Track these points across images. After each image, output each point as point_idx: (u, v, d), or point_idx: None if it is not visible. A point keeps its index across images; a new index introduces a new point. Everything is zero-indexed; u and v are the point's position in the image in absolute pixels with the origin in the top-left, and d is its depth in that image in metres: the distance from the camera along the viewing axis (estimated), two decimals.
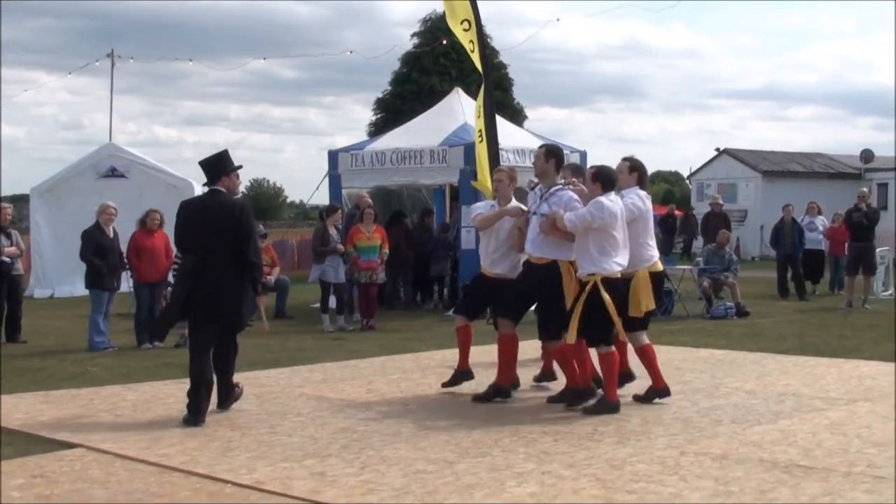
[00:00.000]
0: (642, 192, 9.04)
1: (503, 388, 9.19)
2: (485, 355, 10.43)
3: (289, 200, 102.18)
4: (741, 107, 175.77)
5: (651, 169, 10.80)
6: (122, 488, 6.24)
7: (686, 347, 12.92)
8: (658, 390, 8.99)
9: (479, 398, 9.14)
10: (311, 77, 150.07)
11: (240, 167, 8.92)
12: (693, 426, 8.02)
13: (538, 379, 9.93)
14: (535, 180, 9.20)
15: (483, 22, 13.65)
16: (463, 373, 9.69)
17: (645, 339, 8.97)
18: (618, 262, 8.51)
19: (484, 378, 9.53)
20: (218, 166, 8.78)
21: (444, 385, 9.66)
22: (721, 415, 8.47)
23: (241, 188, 10.60)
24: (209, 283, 8.36)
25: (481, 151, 12.27)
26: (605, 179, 8.62)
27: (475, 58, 12.53)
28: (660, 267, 9.24)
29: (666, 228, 33.82)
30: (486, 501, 5.88)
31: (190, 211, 8.72)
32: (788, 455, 6.99)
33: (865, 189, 20.21)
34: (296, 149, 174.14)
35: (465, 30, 12.43)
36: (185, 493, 6.14)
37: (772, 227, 22.12)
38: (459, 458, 6.92)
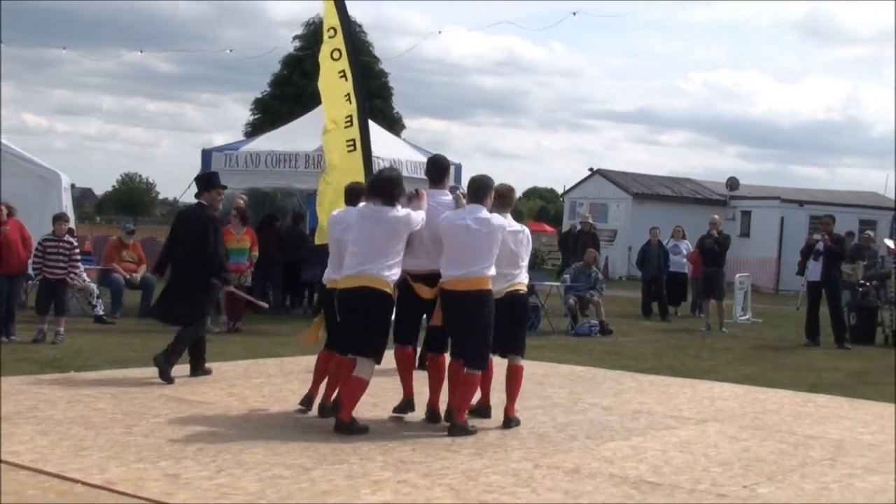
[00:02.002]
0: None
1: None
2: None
3: (161, 197, 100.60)
4: (614, 128, 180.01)
5: (527, 185, 11.01)
6: None
7: (549, 363, 13.14)
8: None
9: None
10: (188, 72, 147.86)
11: (224, 187, 11.34)
12: (549, 440, 8.18)
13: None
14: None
15: (365, 29, 13.71)
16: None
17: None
18: None
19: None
20: (202, 183, 10.94)
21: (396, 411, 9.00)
22: (577, 430, 8.66)
23: (113, 182, 12.72)
24: (176, 275, 10.78)
25: (352, 161, 12.21)
26: None
27: (339, 65, 12.32)
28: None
29: (566, 246, 33.28)
30: None
31: (177, 217, 11.69)
32: (638, 471, 7.19)
33: (716, 216, 20.88)
34: (171, 144, 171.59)
35: (331, 37, 12.31)
36: (32, 491, 6.01)
37: (639, 249, 22.68)
38: (316, 465, 6.93)
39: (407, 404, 8.86)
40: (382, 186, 8.33)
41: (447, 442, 7.90)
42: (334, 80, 12.38)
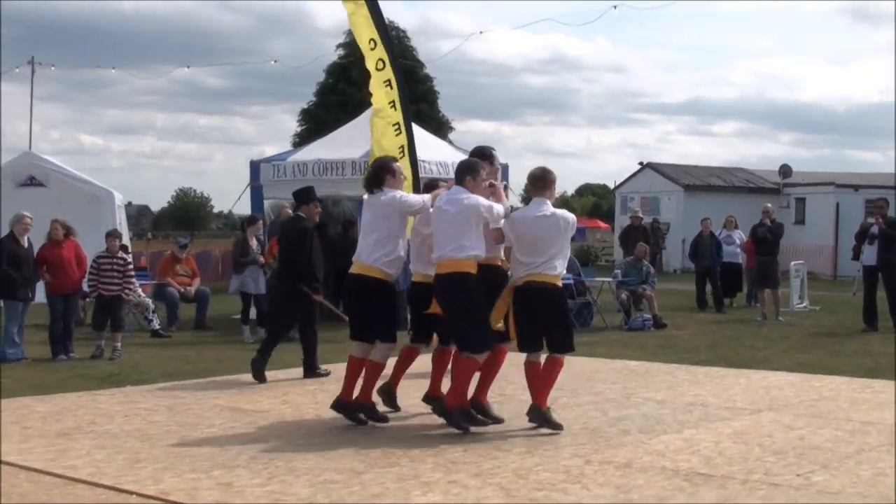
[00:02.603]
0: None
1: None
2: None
3: (216, 210, 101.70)
4: (665, 121, 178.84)
5: (578, 182, 10.97)
6: (24, 500, 6.19)
7: (601, 359, 13.10)
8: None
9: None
10: (237, 86, 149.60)
11: (320, 200, 12.13)
12: (600, 436, 8.15)
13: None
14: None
15: (408, 35, 13.71)
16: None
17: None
18: None
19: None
20: (301, 197, 11.66)
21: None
22: (629, 425, 8.62)
23: (168, 198, 13.11)
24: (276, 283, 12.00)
25: (404, 166, 12.27)
26: None
27: (384, 75, 12.39)
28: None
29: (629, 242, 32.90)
30: None
31: (279, 229, 12.75)
32: (690, 463, 7.15)
33: (769, 205, 20.65)
34: (223, 158, 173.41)
35: (372, 49, 12.37)
36: None
37: (691, 241, 22.52)
38: (368, 469, 6.97)
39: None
40: (371, 173, 8.98)
41: (498, 441, 7.91)
42: (379, 90, 12.45)
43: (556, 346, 8.34)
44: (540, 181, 8.37)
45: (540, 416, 8.27)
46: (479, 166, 8.42)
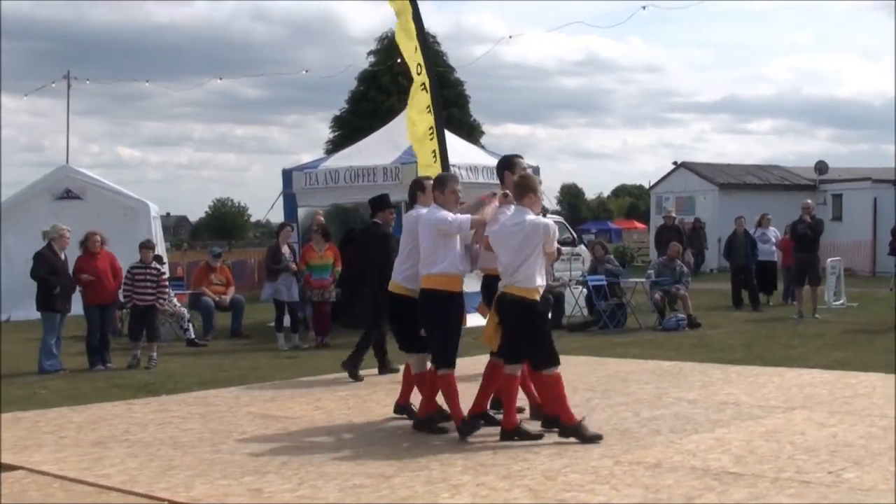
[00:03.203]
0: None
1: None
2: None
3: (253, 220, 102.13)
4: (700, 120, 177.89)
5: (615, 183, 10.92)
6: None
7: (635, 360, 13.06)
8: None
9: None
10: (273, 96, 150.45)
11: (395, 206, 12.52)
12: (631, 436, 8.13)
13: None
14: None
15: (439, 40, 13.77)
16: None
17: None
18: None
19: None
20: (377, 204, 11.94)
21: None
22: (660, 424, 8.60)
23: (206, 209, 13.63)
24: (357, 287, 12.40)
25: (435, 171, 12.36)
26: None
27: (421, 78, 12.53)
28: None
29: (692, 244, 32.35)
30: None
31: (357, 237, 13.25)
32: (721, 462, 7.12)
33: (810, 201, 20.46)
34: (260, 168, 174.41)
35: (416, 51, 12.53)
36: None
37: (725, 240, 22.38)
38: (397, 473, 7.01)
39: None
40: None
41: (529, 444, 7.90)
42: (418, 94, 12.66)
43: (531, 362, 8.23)
44: (518, 188, 8.24)
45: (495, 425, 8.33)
46: (446, 180, 8.61)
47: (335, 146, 33.42)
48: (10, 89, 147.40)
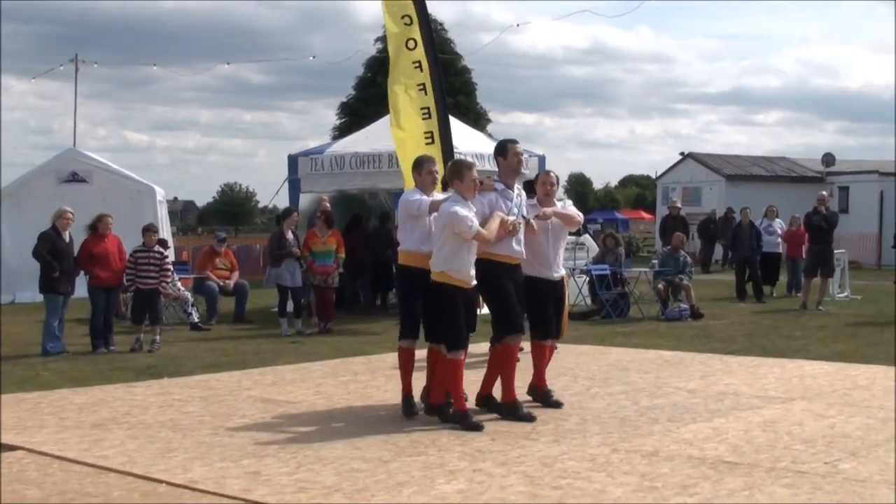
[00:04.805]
0: None
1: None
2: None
3: (260, 205, 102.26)
4: (708, 111, 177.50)
5: (622, 173, 10.87)
6: (56, 489, 6.32)
7: (636, 349, 13.07)
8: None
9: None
10: (280, 82, 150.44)
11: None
12: (629, 425, 8.16)
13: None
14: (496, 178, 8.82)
15: (446, 27, 13.59)
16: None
17: None
18: None
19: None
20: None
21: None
22: (659, 414, 8.62)
23: (213, 194, 12.77)
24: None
25: (433, 153, 12.17)
26: None
27: (414, 55, 12.23)
28: None
29: (707, 235, 32.00)
30: (413, 499, 5.99)
31: None
32: (717, 452, 7.15)
33: (825, 192, 20.41)
34: (267, 153, 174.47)
35: (407, 24, 12.21)
36: (118, 492, 6.23)
37: (731, 231, 22.38)
38: (395, 457, 7.04)
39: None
40: None
41: (527, 430, 7.94)
42: (409, 69, 12.29)
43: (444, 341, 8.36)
44: (448, 174, 8.55)
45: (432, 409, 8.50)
46: (423, 162, 8.75)
47: (342, 132, 33.45)
48: (18, 72, 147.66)
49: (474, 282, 8.28)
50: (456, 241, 8.09)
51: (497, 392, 8.69)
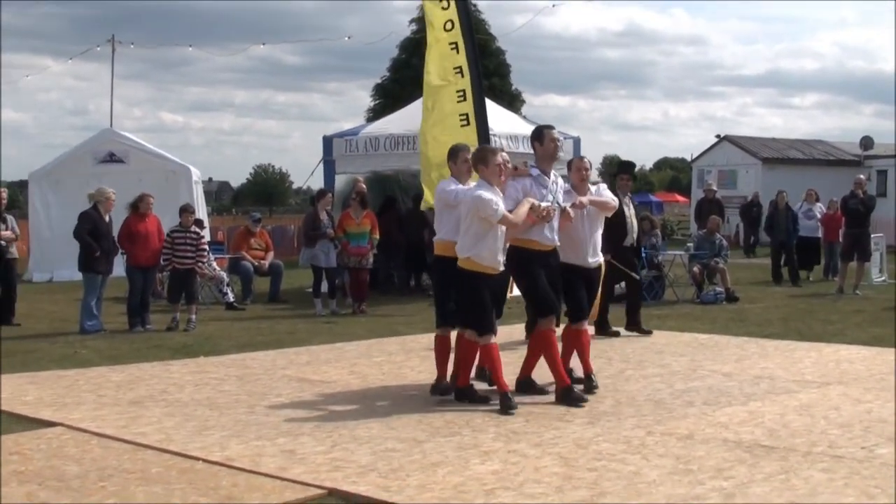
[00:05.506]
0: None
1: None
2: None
3: (294, 186, 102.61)
4: (743, 93, 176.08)
5: (656, 156, 10.76)
6: (94, 465, 6.38)
7: (671, 332, 13.03)
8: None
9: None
10: (315, 63, 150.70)
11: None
12: (664, 407, 8.14)
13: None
14: (532, 164, 8.86)
15: (480, 8, 13.47)
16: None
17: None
18: None
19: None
20: None
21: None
22: (694, 396, 8.59)
23: (248, 174, 12.70)
24: None
25: (465, 135, 12.15)
26: None
27: (451, 36, 12.18)
28: None
29: (750, 219, 30.99)
30: (447, 479, 6.00)
31: None
32: (753, 435, 7.11)
33: (862, 176, 20.23)
34: (301, 135, 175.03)
35: (444, 8, 12.19)
36: (156, 469, 6.28)
37: (767, 214, 22.20)
38: (429, 438, 7.06)
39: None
40: None
41: (561, 412, 7.94)
42: (445, 50, 12.25)
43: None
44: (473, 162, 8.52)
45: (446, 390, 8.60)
46: (458, 150, 8.68)
47: (376, 114, 33.43)
48: (55, 53, 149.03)
49: (502, 267, 8.26)
50: (482, 225, 8.05)
51: (538, 377, 8.73)
